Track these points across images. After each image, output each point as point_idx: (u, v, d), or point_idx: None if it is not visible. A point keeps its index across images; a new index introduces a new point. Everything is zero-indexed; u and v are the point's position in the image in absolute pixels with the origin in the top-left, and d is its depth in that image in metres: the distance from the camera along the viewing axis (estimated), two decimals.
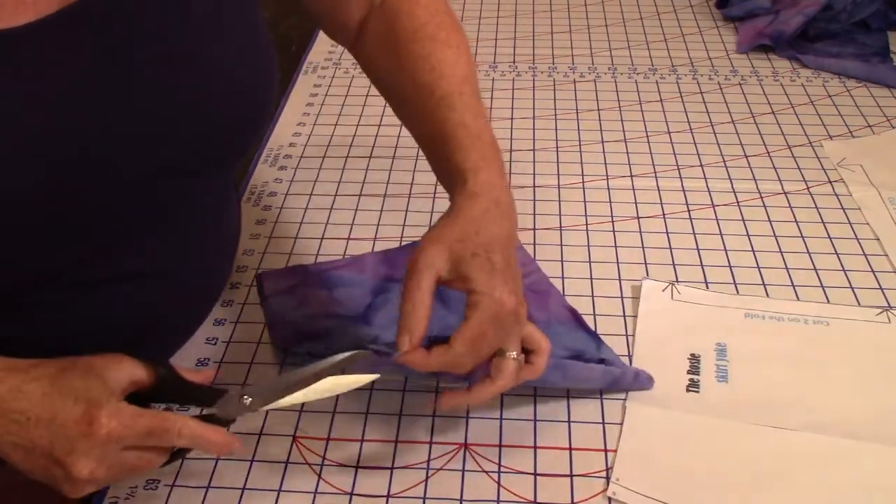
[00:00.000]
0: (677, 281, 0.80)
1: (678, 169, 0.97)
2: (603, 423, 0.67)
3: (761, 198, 0.92)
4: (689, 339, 0.74)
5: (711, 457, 0.64)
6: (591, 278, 0.81)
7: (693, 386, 0.69)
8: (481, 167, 0.62)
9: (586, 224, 0.88)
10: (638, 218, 0.89)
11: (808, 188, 0.93)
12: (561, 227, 0.88)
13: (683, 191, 0.93)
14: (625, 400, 0.68)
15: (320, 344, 0.71)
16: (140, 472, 0.55)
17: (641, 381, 0.69)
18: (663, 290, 0.78)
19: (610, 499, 0.61)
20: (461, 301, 0.68)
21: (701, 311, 0.77)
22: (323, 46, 1.25)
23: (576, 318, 0.74)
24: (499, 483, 0.62)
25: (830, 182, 0.94)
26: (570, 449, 0.65)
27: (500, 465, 0.64)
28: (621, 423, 0.66)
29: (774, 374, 0.71)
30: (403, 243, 0.85)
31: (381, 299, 0.76)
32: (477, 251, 0.58)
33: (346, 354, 0.58)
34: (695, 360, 0.72)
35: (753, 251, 0.84)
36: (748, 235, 0.86)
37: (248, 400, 0.56)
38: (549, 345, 0.62)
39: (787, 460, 0.64)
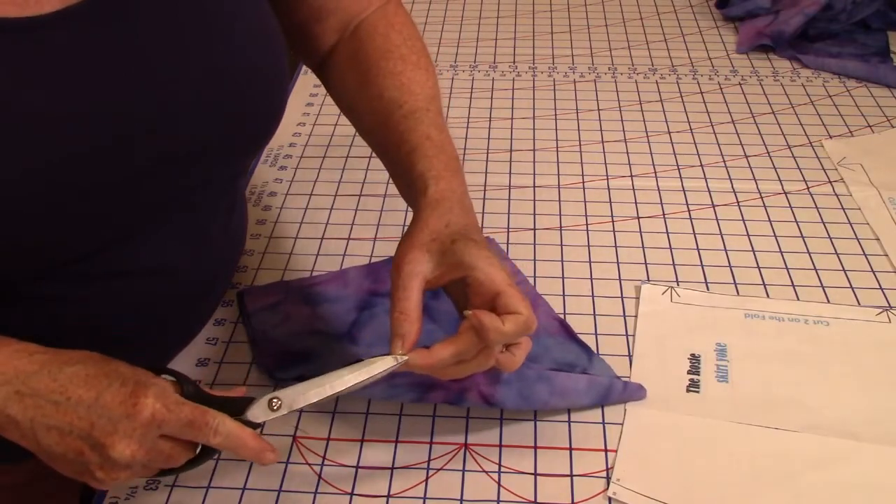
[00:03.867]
0: (677, 281, 0.80)
1: (678, 169, 0.97)
2: (603, 423, 0.67)
3: (761, 198, 0.92)
4: (689, 339, 0.74)
5: (712, 457, 0.64)
6: (592, 278, 0.81)
7: (693, 386, 0.69)
8: (443, 176, 0.63)
9: (586, 224, 0.88)
10: (638, 218, 0.89)
11: (808, 188, 0.94)
12: (561, 227, 0.88)
13: (683, 191, 0.93)
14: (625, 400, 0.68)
15: (308, 365, 0.70)
16: (169, 464, 0.54)
17: (631, 392, 0.68)
18: (663, 294, 0.78)
19: (610, 499, 0.61)
20: (447, 316, 0.72)
21: (701, 312, 0.77)
22: None
23: (565, 329, 0.74)
24: (499, 483, 0.62)
25: (830, 182, 0.94)
26: (570, 449, 0.65)
27: (500, 465, 0.64)
28: (622, 424, 0.66)
29: (774, 374, 0.71)
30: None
31: (367, 315, 0.75)
32: (455, 237, 0.59)
33: (372, 359, 0.57)
34: (695, 361, 0.72)
35: (753, 251, 0.84)
36: (748, 235, 0.86)
37: (277, 402, 0.55)
38: (531, 343, 0.61)
39: (787, 461, 0.63)
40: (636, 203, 0.91)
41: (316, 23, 0.73)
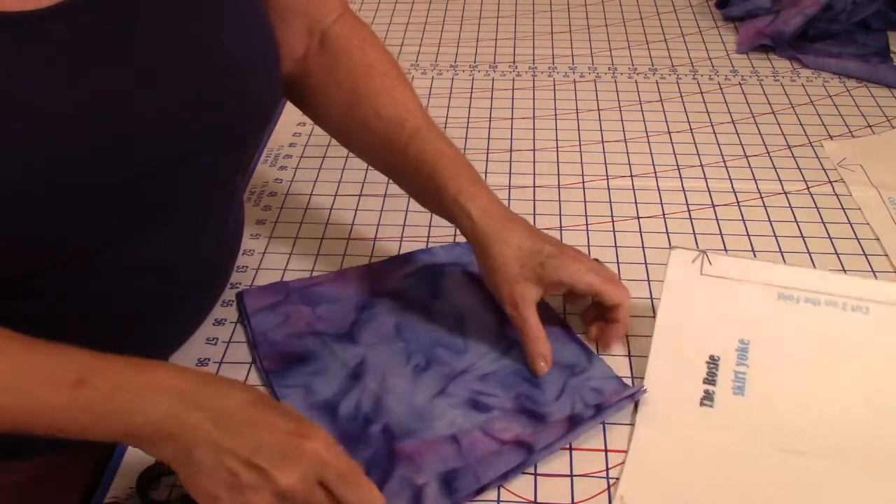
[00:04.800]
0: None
1: (678, 169, 0.97)
2: (603, 423, 0.66)
3: (761, 198, 0.92)
4: (711, 334, 0.69)
5: (723, 481, 0.61)
6: None
7: (707, 399, 0.66)
8: (474, 193, 0.69)
9: (586, 224, 0.88)
10: (638, 218, 0.89)
11: (808, 188, 0.94)
12: (561, 227, 0.88)
13: (683, 191, 0.93)
14: (634, 416, 0.68)
15: (307, 367, 0.70)
16: None
17: (632, 395, 0.67)
18: (693, 262, 0.72)
19: (610, 499, 0.61)
20: (447, 316, 0.74)
21: (730, 291, 0.70)
22: None
23: (566, 329, 0.74)
24: (499, 484, 0.62)
25: (830, 182, 0.94)
26: (571, 449, 0.65)
27: None
28: (629, 424, 0.66)
29: (796, 386, 0.66)
30: (403, 245, 0.85)
31: (367, 315, 0.75)
32: (538, 259, 0.67)
33: None
34: (713, 365, 0.67)
35: (753, 251, 0.84)
36: (748, 235, 0.86)
37: None
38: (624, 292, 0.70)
39: (804, 489, 0.60)
40: (636, 203, 0.91)
41: (280, 25, 0.71)
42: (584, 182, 0.95)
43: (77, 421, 0.52)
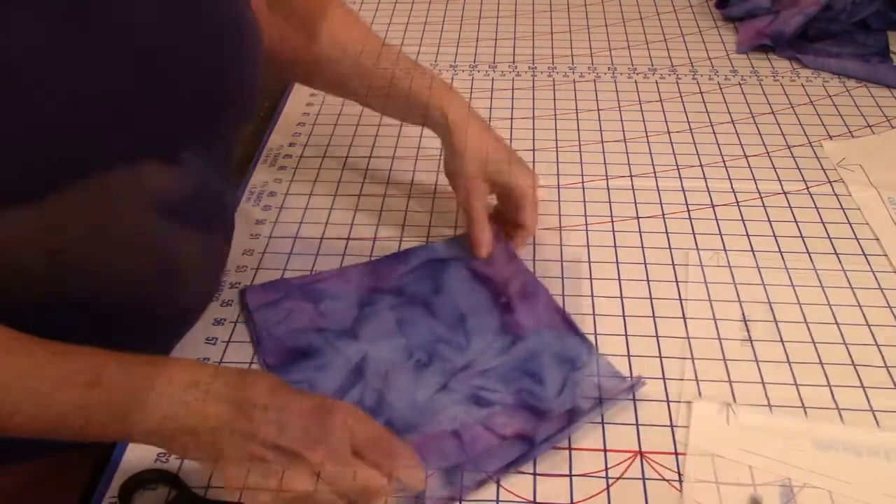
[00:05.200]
0: (734, 401, 0.69)
1: (678, 169, 0.97)
2: (602, 423, 0.67)
3: (761, 198, 0.92)
4: (748, 477, 0.63)
5: None
6: (591, 278, 0.81)
7: None
8: (445, 98, 0.79)
9: (586, 224, 0.88)
10: (638, 218, 0.89)
11: (807, 188, 0.94)
12: (561, 227, 0.88)
13: (683, 191, 0.93)
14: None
15: (310, 362, 0.70)
16: (367, 495, 0.52)
17: (632, 390, 0.68)
18: (717, 413, 0.67)
19: (610, 498, 0.61)
20: (448, 312, 0.75)
21: (763, 439, 0.65)
22: None
23: (565, 319, 0.74)
24: (498, 483, 0.62)
25: (830, 182, 0.94)
26: (570, 449, 0.65)
27: None
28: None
29: None
30: (403, 244, 0.85)
31: (368, 311, 0.75)
32: (498, 168, 0.79)
33: None
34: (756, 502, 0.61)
35: (753, 251, 0.84)
36: (748, 235, 0.86)
37: None
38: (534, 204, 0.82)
39: None
40: (636, 203, 0.91)
41: None
42: (583, 182, 0.95)
43: (94, 421, 0.51)
